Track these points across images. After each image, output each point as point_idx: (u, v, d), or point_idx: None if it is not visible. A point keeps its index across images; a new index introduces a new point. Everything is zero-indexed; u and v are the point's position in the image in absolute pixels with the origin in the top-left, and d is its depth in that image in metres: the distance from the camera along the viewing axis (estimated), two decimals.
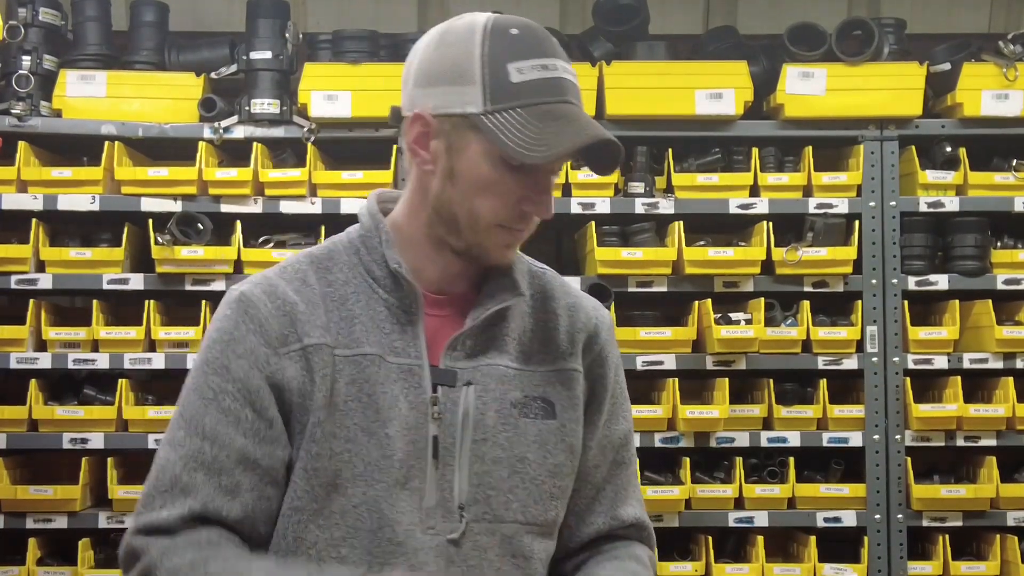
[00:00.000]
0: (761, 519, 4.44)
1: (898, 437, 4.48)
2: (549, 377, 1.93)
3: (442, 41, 1.85)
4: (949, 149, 4.58)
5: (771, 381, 4.50)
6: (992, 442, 4.48)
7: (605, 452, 1.99)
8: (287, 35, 4.57)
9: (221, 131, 4.52)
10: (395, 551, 1.82)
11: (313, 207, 4.48)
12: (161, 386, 4.65)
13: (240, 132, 4.55)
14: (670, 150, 4.53)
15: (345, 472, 1.83)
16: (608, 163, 1.87)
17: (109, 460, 4.37)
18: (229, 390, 1.83)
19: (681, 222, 4.50)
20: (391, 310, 1.88)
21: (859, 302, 4.50)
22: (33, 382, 4.40)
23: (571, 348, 1.96)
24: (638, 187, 4.52)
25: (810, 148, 4.56)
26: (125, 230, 4.48)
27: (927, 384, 4.62)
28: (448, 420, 1.86)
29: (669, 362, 4.48)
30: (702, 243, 4.57)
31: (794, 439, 4.46)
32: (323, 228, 4.44)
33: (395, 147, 4.50)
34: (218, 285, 4.45)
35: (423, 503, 1.84)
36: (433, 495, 1.85)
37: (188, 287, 4.47)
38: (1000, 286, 4.52)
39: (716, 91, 4.50)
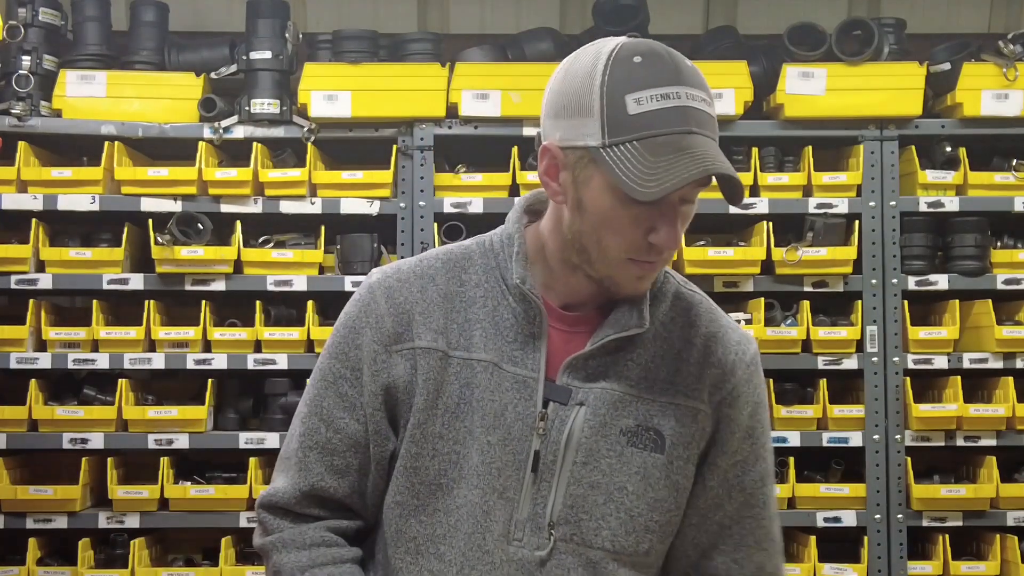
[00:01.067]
0: None
1: (898, 437, 4.48)
2: (667, 409, 1.88)
3: (568, 71, 1.82)
4: (949, 149, 4.58)
5: (771, 381, 4.49)
6: (992, 442, 4.48)
7: (732, 493, 1.92)
8: (287, 35, 4.57)
9: (221, 131, 4.52)
10: (482, 559, 1.85)
11: (313, 207, 4.47)
12: (161, 386, 4.65)
13: (240, 132, 4.55)
14: None
15: (451, 472, 1.86)
16: (731, 194, 1.79)
17: (109, 460, 4.36)
18: (347, 377, 1.91)
19: None
20: (518, 319, 1.88)
21: (859, 302, 4.50)
22: (33, 382, 4.40)
23: (698, 383, 1.90)
24: None
25: (810, 148, 4.55)
26: (125, 230, 4.47)
27: (927, 384, 4.62)
28: (553, 437, 1.85)
29: None
30: (702, 243, 4.57)
31: (794, 439, 4.46)
32: (323, 228, 4.43)
33: (395, 147, 4.50)
34: (218, 285, 4.45)
35: (515, 514, 1.85)
36: (526, 508, 1.85)
37: (188, 287, 4.46)
38: (1000, 286, 4.52)
39: (716, 91, 4.39)
